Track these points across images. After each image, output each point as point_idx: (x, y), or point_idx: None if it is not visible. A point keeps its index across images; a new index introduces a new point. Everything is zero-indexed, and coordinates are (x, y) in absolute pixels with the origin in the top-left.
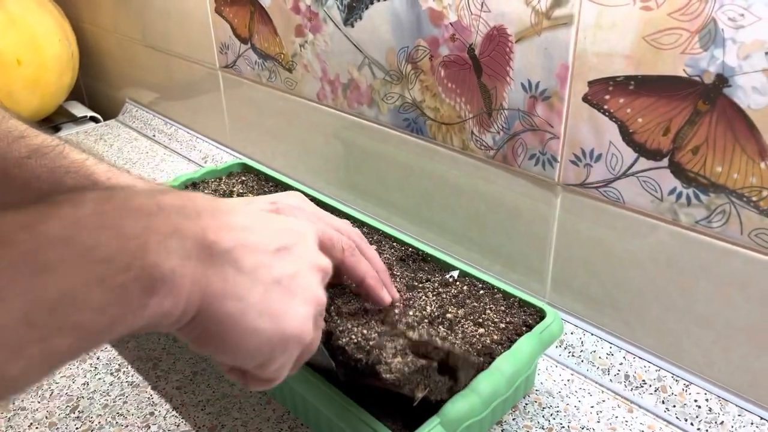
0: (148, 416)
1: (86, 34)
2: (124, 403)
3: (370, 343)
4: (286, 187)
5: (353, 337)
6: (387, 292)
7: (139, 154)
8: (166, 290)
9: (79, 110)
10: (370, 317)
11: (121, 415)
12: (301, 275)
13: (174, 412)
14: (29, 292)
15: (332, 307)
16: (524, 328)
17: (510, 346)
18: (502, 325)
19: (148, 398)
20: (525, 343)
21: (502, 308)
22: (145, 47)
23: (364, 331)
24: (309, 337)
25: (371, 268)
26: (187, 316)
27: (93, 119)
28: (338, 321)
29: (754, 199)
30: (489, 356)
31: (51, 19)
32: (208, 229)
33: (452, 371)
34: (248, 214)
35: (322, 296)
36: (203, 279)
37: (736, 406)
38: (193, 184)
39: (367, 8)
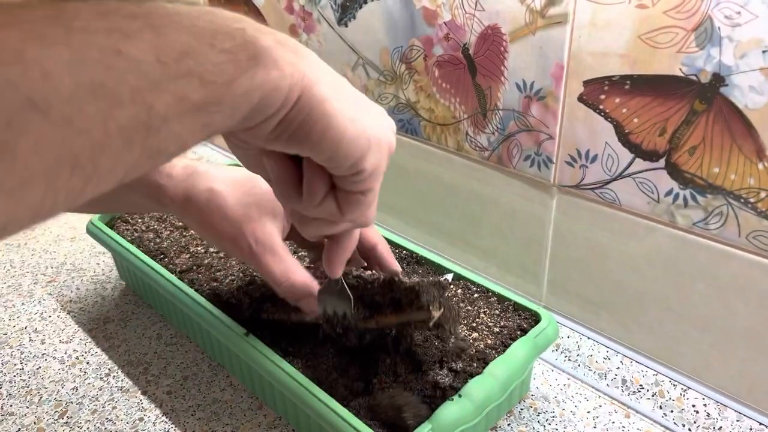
0: (137, 422)
1: None
2: (114, 408)
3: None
4: None
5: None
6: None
7: None
8: (271, 62)
9: None
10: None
11: (110, 420)
12: (373, 115)
13: (164, 418)
14: (154, 41)
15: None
16: (519, 332)
17: (504, 351)
18: (497, 330)
19: (138, 403)
20: (519, 348)
21: (497, 312)
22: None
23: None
24: (394, 143)
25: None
26: (293, 95)
27: None
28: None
29: (752, 200)
30: (482, 361)
31: None
32: (290, 42)
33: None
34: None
35: (393, 128)
36: (299, 64)
37: (735, 411)
38: None
39: (360, 8)
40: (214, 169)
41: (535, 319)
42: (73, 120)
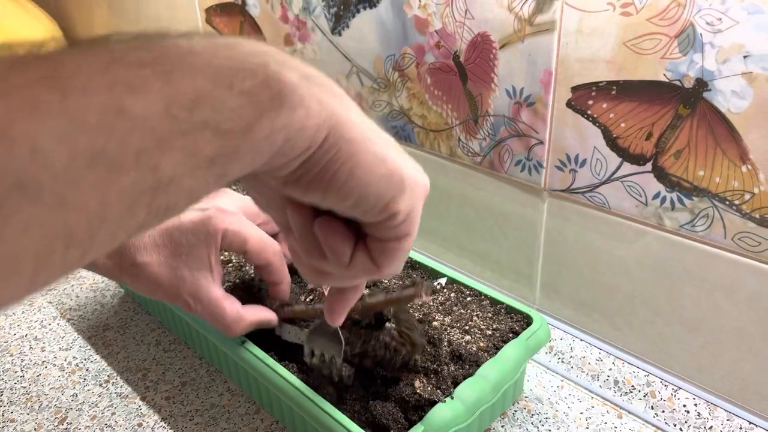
0: (136, 427)
1: None
2: (113, 414)
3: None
4: None
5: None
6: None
7: None
8: (296, 100)
9: None
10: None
11: (109, 426)
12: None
13: (162, 423)
14: (164, 90)
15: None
16: (511, 335)
17: (496, 353)
18: (489, 332)
19: (137, 409)
20: (511, 350)
21: (489, 315)
22: None
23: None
24: (428, 187)
25: None
26: (320, 135)
27: None
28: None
29: (736, 202)
30: (475, 363)
31: (44, 30)
32: (316, 76)
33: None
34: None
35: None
36: (327, 101)
37: (725, 410)
38: None
39: (353, 17)
40: (139, 242)
41: (527, 321)
42: (68, 197)
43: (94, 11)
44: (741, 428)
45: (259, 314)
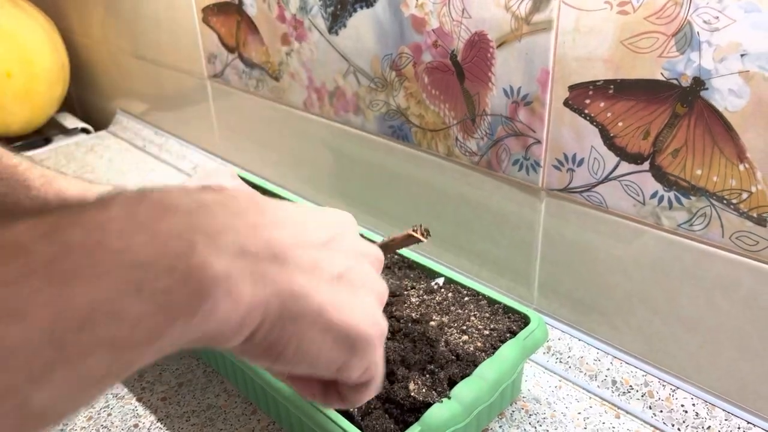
0: (132, 428)
1: (77, 45)
2: (109, 415)
3: None
4: (273, 197)
5: None
6: None
7: (130, 165)
8: (222, 292)
9: (70, 122)
10: None
11: (105, 427)
12: (358, 266)
13: (159, 424)
14: (53, 305)
15: None
16: (508, 335)
17: (494, 353)
18: (486, 332)
19: (133, 410)
20: (508, 350)
21: (487, 315)
22: (135, 58)
23: None
24: (385, 325)
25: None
26: (252, 323)
27: (84, 130)
28: None
29: (734, 201)
30: (472, 363)
31: (41, 31)
32: (259, 226)
33: None
34: (294, 208)
35: (383, 285)
36: (266, 278)
37: (723, 410)
38: None
39: (350, 16)
40: None
41: (525, 321)
42: None
43: (91, 11)
44: (739, 428)
45: None
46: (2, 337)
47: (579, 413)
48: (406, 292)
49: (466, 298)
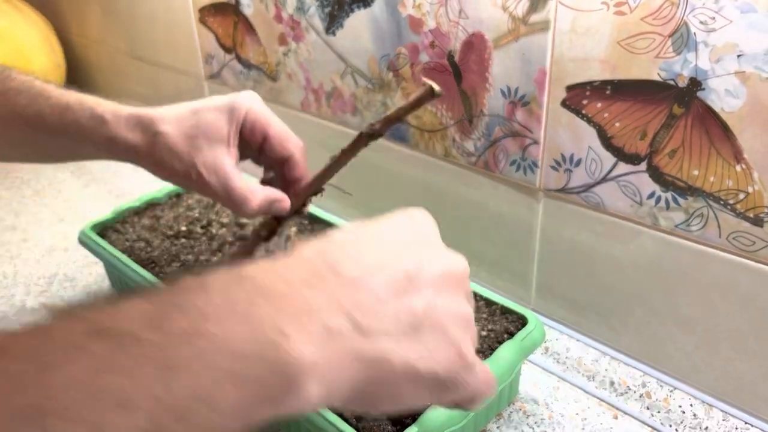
0: None
1: (73, 45)
2: None
3: None
4: None
5: None
6: None
7: (128, 166)
8: (311, 380)
9: None
10: None
11: None
12: (440, 300)
13: None
14: (157, 398)
15: None
16: (506, 336)
17: (491, 354)
18: (484, 333)
19: None
20: (506, 351)
21: (484, 316)
22: (131, 58)
23: None
24: (468, 358)
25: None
26: (340, 396)
27: None
28: None
29: (730, 202)
30: None
31: (37, 31)
32: (339, 296)
33: None
34: (368, 240)
35: (467, 310)
36: (351, 354)
37: (721, 411)
38: (178, 195)
39: (347, 16)
40: (158, 112)
41: (523, 322)
42: None
43: (88, 11)
44: (737, 428)
45: (274, 192)
46: (110, 425)
47: (577, 414)
48: None
49: None
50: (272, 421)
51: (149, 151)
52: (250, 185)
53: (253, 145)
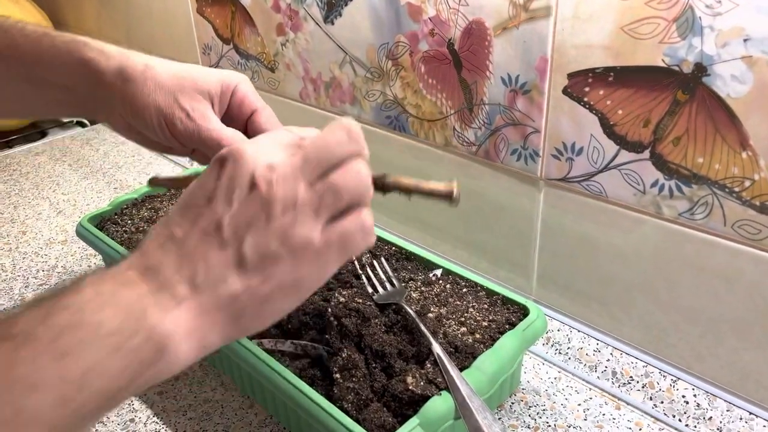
0: (128, 423)
1: None
2: None
3: None
4: None
5: None
6: None
7: (126, 158)
8: (177, 341)
9: None
10: None
11: (101, 422)
12: (246, 215)
13: (155, 419)
14: (57, 376)
15: None
16: (507, 326)
17: (492, 345)
18: (485, 324)
19: (129, 404)
20: (507, 341)
21: (485, 306)
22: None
23: None
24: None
25: None
26: (214, 343)
27: (80, 123)
28: None
29: (736, 189)
30: (471, 355)
31: (33, 21)
32: (178, 269)
33: None
34: (186, 191)
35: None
36: (210, 312)
37: (725, 401)
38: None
39: (346, 5)
40: (152, 57)
41: (524, 312)
42: None
43: (85, 3)
44: (741, 418)
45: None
46: (25, 405)
47: (579, 405)
48: (404, 284)
49: (465, 290)
50: (162, 381)
51: (133, 78)
52: (238, 133)
53: (239, 121)
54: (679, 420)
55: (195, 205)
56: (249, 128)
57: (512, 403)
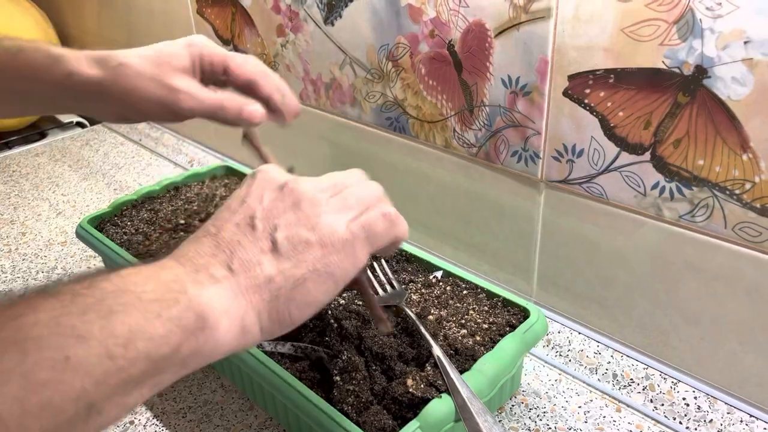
0: (128, 425)
1: (71, 38)
2: None
3: None
4: None
5: None
6: None
7: (126, 159)
8: (216, 314)
9: (66, 116)
10: None
11: None
12: (292, 214)
13: (155, 421)
14: (104, 331)
15: None
16: (508, 328)
17: (493, 347)
18: (485, 326)
19: None
20: (507, 344)
21: (486, 308)
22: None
23: None
24: (341, 222)
25: None
26: (252, 325)
27: (79, 124)
28: None
29: (737, 192)
30: (471, 358)
31: (34, 23)
32: (216, 254)
33: None
34: (232, 201)
35: (316, 195)
36: (246, 293)
37: (725, 404)
38: (176, 188)
39: (346, 6)
40: (117, 51)
41: (524, 314)
42: None
43: (85, 3)
44: (741, 421)
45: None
46: (75, 355)
47: (579, 407)
48: (404, 286)
49: (465, 292)
50: (211, 362)
51: (114, 81)
52: (230, 93)
53: (216, 81)
54: (680, 422)
55: (228, 207)
56: (228, 79)
57: (513, 406)
